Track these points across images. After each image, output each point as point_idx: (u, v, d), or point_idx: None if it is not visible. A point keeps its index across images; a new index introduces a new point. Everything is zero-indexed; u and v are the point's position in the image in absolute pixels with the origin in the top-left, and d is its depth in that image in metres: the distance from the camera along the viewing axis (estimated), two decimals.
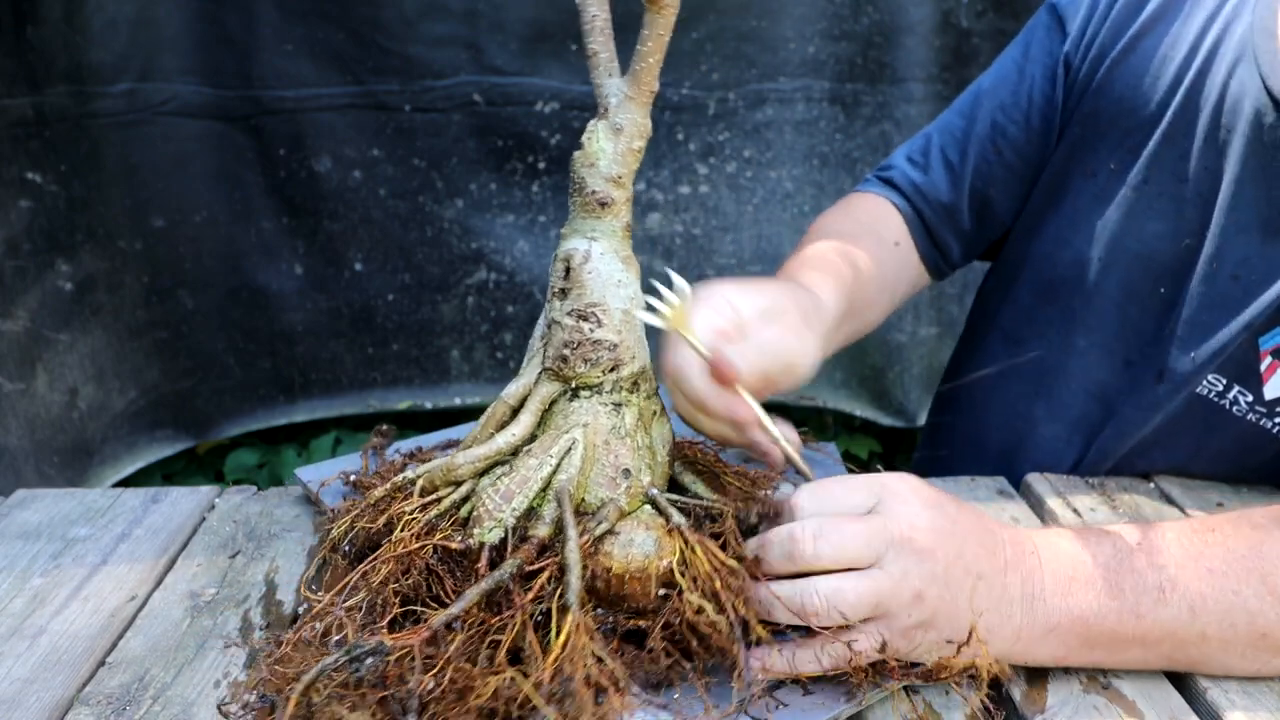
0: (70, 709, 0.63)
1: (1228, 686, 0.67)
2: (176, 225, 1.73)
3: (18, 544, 0.82)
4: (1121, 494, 0.94)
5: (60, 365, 1.61)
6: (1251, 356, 0.89)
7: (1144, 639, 0.65)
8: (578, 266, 0.69)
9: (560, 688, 0.55)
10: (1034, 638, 0.64)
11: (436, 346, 1.93)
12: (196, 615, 0.73)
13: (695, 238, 1.90)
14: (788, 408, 2.03)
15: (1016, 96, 1.06)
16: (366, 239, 1.84)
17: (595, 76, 0.70)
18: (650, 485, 0.69)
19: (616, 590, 0.63)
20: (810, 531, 0.60)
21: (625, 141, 0.69)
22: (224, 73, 1.69)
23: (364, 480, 0.84)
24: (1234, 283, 0.90)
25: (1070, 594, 0.65)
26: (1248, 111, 0.88)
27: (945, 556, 0.62)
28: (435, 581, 0.64)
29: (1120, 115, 0.98)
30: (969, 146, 1.09)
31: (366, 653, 0.55)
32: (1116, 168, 0.98)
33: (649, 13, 0.66)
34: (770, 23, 1.77)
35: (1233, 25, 0.92)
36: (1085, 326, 1.01)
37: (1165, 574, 0.65)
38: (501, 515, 0.65)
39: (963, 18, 1.78)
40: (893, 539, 0.61)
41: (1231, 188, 0.89)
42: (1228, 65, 0.91)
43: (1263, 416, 0.90)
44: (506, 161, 1.82)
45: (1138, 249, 0.96)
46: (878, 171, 1.18)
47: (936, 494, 0.65)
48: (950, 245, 1.14)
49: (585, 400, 0.69)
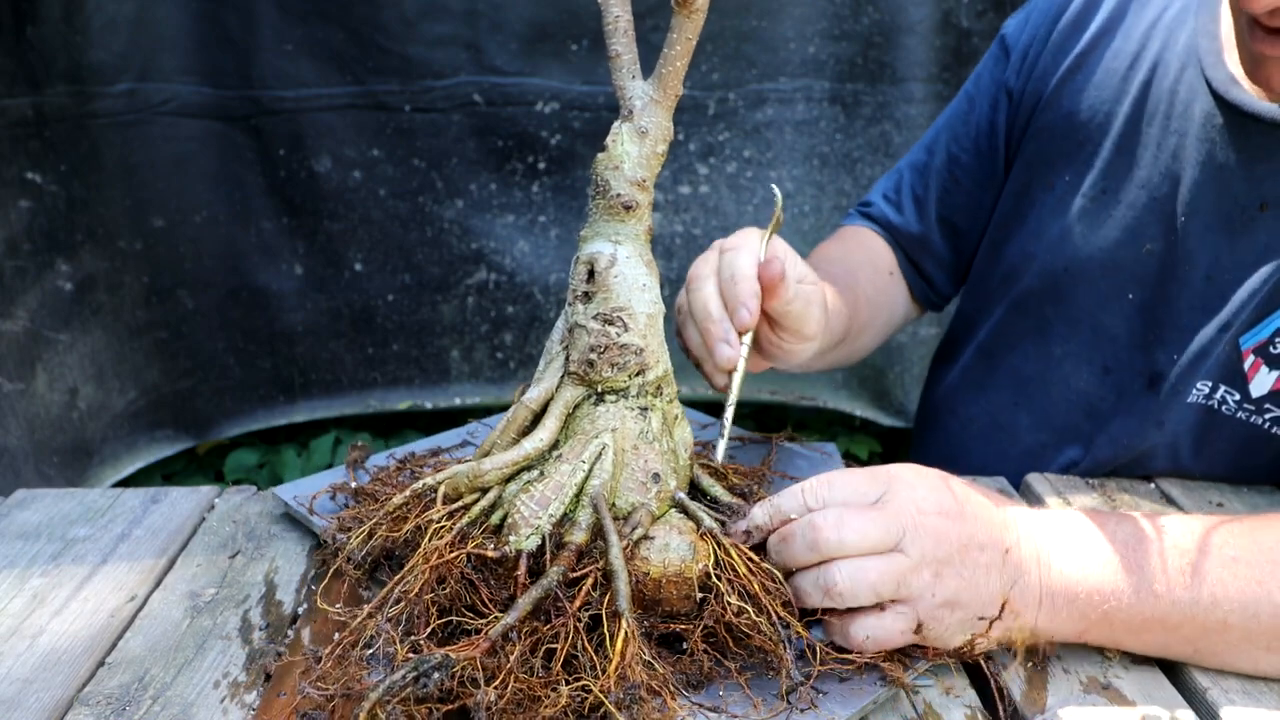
0: (70, 709, 0.63)
1: (1227, 686, 0.66)
2: (176, 225, 1.73)
3: (17, 544, 0.82)
4: (1121, 494, 0.94)
5: (60, 365, 1.61)
6: (1234, 357, 0.90)
7: (1164, 621, 0.65)
8: (603, 270, 0.69)
9: (626, 695, 0.56)
10: (1055, 607, 0.65)
11: (436, 346, 1.93)
12: (196, 615, 0.73)
13: (695, 238, 1.90)
14: (788, 409, 2.03)
15: (967, 126, 1.12)
16: (366, 239, 1.84)
17: (618, 78, 0.70)
18: (677, 489, 0.69)
19: (653, 594, 0.63)
20: (832, 520, 0.62)
21: (650, 145, 0.69)
22: (224, 73, 1.69)
23: (366, 489, 0.83)
24: (1209, 284, 0.91)
25: (1086, 566, 0.66)
26: (1197, 115, 0.91)
27: (959, 536, 0.63)
28: (470, 590, 0.64)
29: (1072, 129, 1.01)
30: (930, 179, 1.15)
31: (433, 667, 0.55)
32: (1072, 179, 1.01)
33: (677, 16, 0.66)
34: (770, 23, 1.77)
35: (1176, 33, 0.94)
36: (1059, 336, 1.03)
37: (1186, 558, 0.66)
38: (539, 522, 0.65)
39: (963, 18, 1.78)
40: (907, 524, 0.63)
41: (1190, 191, 0.91)
42: (1174, 72, 0.93)
43: (1252, 414, 0.91)
44: (506, 161, 1.82)
45: (1101, 257, 0.98)
46: (860, 208, 1.23)
47: (942, 477, 0.67)
48: (933, 274, 1.19)
49: (611, 405, 0.69)
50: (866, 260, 1.15)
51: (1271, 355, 0.88)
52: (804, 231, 1.88)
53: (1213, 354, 0.91)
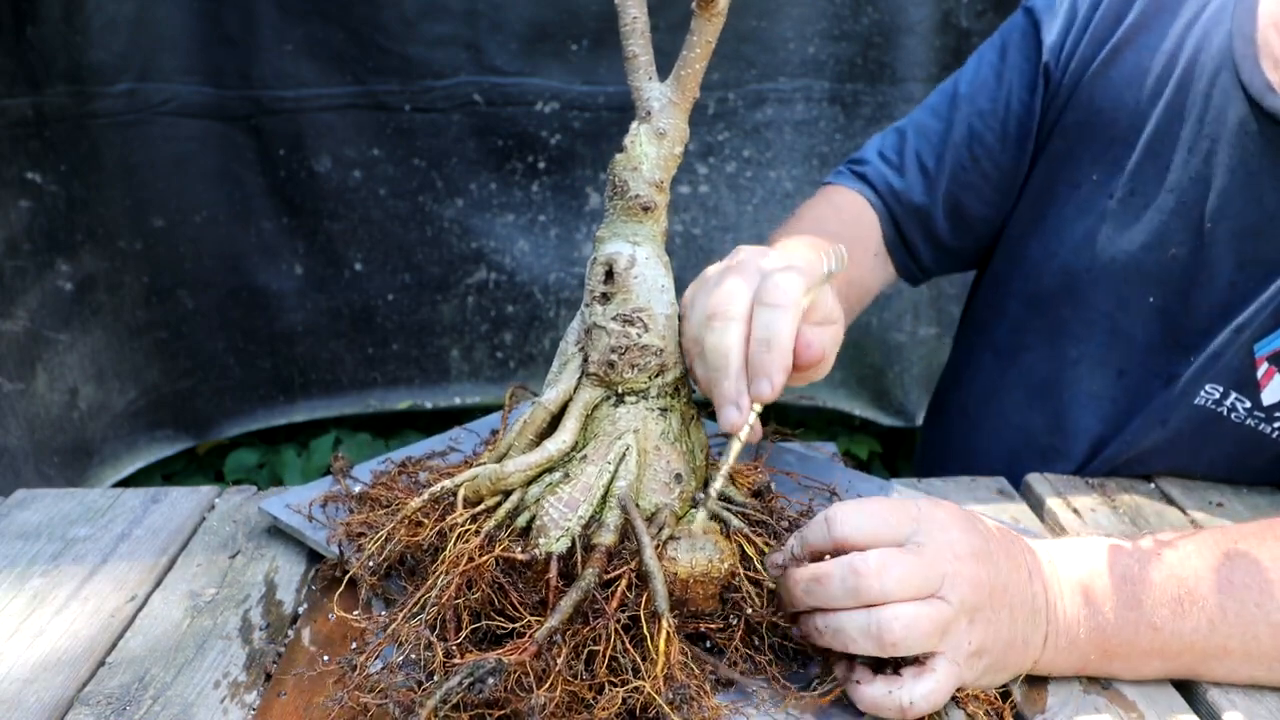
0: (70, 709, 0.63)
1: (1229, 687, 0.66)
2: (176, 225, 1.73)
3: (18, 544, 0.82)
4: (1122, 495, 0.93)
5: (60, 365, 1.61)
6: (1248, 363, 0.89)
7: (1163, 651, 0.65)
8: (623, 271, 0.69)
9: (676, 695, 0.56)
10: (1058, 649, 0.64)
11: (436, 346, 1.93)
12: (196, 615, 0.73)
13: (695, 238, 1.90)
14: (788, 407, 2.03)
15: (994, 104, 1.04)
16: (366, 239, 1.84)
17: (634, 79, 0.70)
18: (697, 490, 0.69)
19: (680, 594, 0.63)
20: (874, 566, 0.59)
21: (668, 146, 0.70)
22: (224, 73, 1.69)
23: (370, 494, 0.82)
24: (1230, 290, 0.90)
25: (1087, 604, 0.64)
26: (1231, 121, 0.89)
27: (990, 581, 0.62)
28: (500, 594, 0.64)
29: (1102, 127, 0.98)
30: (945, 151, 1.07)
31: (488, 672, 0.55)
32: (1099, 179, 0.98)
33: (698, 18, 0.66)
34: (770, 23, 1.77)
35: (1212, 34, 0.92)
36: (1075, 337, 1.01)
37: (1184, 586, 0.65)
38: (569, 524, 0.65)
39: (963, 18, 1.78)
40: (947, 570, 0.60)
41: (1219, 197, 0.90)
42: (1209, 75, 0.91)
43: (1261, 421, 0.90)
44: (506, 161, 1.82)
45: (1124, 260, 0.96)
46: (850, 165, 1.15)
47: (968, 517, 0.65)
48: (921, 249, 1.12)
49: (632, 406, 0.69)
50: (856, 239, 1.07)
51: None
52: None
53: (1224, 357, 0.90)
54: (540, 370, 1.95)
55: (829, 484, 0.85)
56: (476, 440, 0.96)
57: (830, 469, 0.91)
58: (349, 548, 0.75)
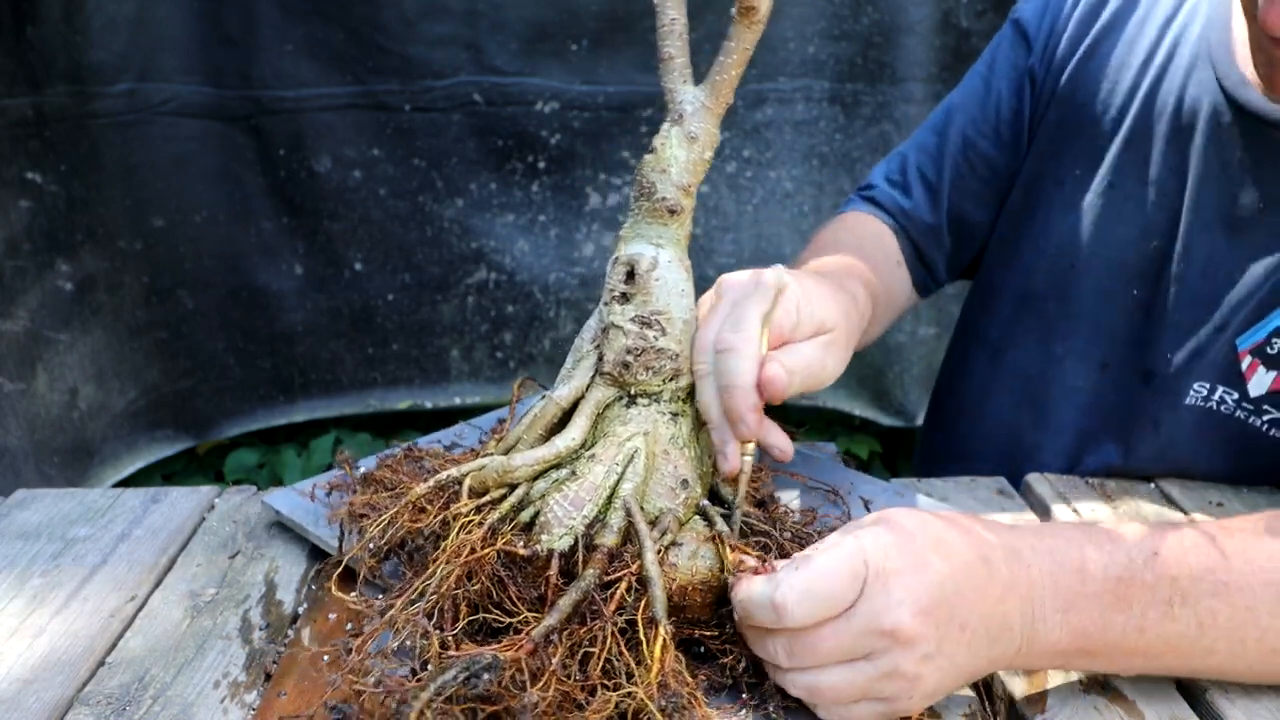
0: (70, 709, 0.63)
1: (1229, 686, 0.66)
2: (176, 225, 1.73)
3: (17, 544, 0.82)
4: (1122, 495, 0.93)
5: (60, 365, 1.61)
6: (1231, 358, 0.90)
7: (1146, 651, 0.64)
8: (644, 273, 0.69)
9: (669, 702, 0.56)
10: (1034, 654, 0.63)
11: (436, 346, 1.94)
12: (196, 615, 0.73)
13: (695, 237, 1.89)
14: (788, 408, 2.03)
15: (985, 110, 1.07)
16: (366, 239, 1.84)
17: (669, 81, 0.69)
18: (702, 497, 0.69)
19: (678, 601, 0.63)
20: (809, 643, 0.58)
21: (698, 151, 0.69)
22: (224, 73, 1.69)
23: (375, 475, 0.81)
24: (1204, 281, 0.91)
25: (1073, 608, 0.62)
26: (1206, 112, 0.90)
27: (937, 628, 0.58)
28: (498, 587, 0.63)
29: (1082, 123, 0.99)
30: (944, 163, 1.10)
31: (484, 667, 0.55)
32: (1082, 174, 0.99)
33: (738, 25, 0.66)
34: (770, 23, 1.75)
35: (1189, 28, 0.93)
36: (1061, 333, 1.02)
37: (1177, 587, 0.63)
38: (573, 522, 0.65)
39: (963, 18, 1.78)
40: (880, 635, 0.58)
41: (1195, 187, 0.91)
42: (1185, 68, 0.92)
43: (1251, 414, 0.91)
44: (506, 161, 1.82)
45: (1107, 253, 0.97)
46: (861, 192, 1.18)
47: (923, 548, 0.60)
48: (936, 263, 1.15)
49: (643, 408, 0.69)
50: (878, 250, 1.10)
51: (1269, 355, 0.88)
52: (803, 232, 1.88)
53: (1208, 355, 0.91)
54: (540, 370, 1.95)
55: (831, 485, 0.85)
56: (482, 434, 0.96)
57: (832, 470, 0.91)
58: (350, 528, 0.75)
